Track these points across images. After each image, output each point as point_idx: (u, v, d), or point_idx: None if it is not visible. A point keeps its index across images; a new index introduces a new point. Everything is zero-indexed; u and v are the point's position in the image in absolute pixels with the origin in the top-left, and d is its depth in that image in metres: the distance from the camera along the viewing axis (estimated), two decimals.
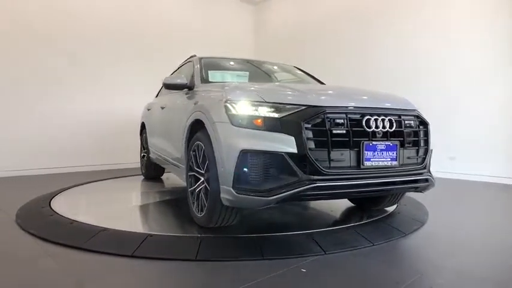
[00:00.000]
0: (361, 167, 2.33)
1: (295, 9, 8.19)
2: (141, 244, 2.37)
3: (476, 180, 5.35)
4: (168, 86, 3.33)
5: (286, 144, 2.19)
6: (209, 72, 3.63)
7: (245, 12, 8.95)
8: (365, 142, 2.34)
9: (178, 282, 1.95)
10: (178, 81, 3.29)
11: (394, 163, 2.46)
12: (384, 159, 2.42)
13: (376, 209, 3.34)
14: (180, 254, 2.27)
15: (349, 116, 2.34)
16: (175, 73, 4.45)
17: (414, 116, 2.65)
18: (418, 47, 6.06)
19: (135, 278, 1.97)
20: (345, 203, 3.59)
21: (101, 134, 6.32)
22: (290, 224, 3.07)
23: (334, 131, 2.27)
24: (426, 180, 2.64)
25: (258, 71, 4.09)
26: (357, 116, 2.37)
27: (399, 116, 2.54)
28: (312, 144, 2.21)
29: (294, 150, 2.18)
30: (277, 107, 2.30)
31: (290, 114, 2.26)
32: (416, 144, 2.61)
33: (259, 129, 2.26)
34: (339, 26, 7.24)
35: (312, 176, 2.18)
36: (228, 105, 2.41)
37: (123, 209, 3.53)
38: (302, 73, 4.30)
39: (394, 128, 2.45)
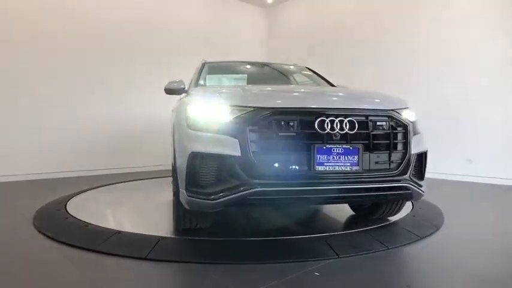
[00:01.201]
0: (312, 171, 2.17)
1: (307, 12, 8.18)
2: (155, 247, 2.39)
3: (494, 183, 5.22)
4: (167, 91, 3.34)
5: (231, 147, 2.14)
6: (207, 76, 3.65)
7: (257, 15, 8.98)
8: (317, 145, 2.16)
9: (192, 284, 1.95)
10: (175, 85, 3.27)
11: (355, 168, 2.23)
12: (342, 164, 2.20)
13: (374, 218, 3.07)
14: (193, 256, 2.28)
15: (300, 117, 2.20)
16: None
17: (388, 116, 2.36)
18: (434, 49, 5.98)
19: (148, 281, 1.98)
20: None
21: (117, 137, 6.40)
22: (304, 227, 3.05)
23: (281, 133, 2.17)
24: (405, 188, 2.37)
25: (262, 73, 4.06)
26: (310, 117, 2.19)
27: (366, 116, 2.30)
28: (256, 147, 2.14)
29: (238, 153, 2.12)
30: (229, 110, 2.24)
31: (237, 116, 2.20)
32: (388, 147, 2.34)
33: (210, 132, 2.24)
34: (351, 28, 7.19)
35: (255, 180, 2.11)
36: (188, 108, 2.44)
37: (138, 211, 3.56)
38: (311, 74, 4.19)
39: (355, 130, 2.22)
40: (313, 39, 7.91)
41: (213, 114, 2.28)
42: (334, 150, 2.19)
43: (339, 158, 2.20)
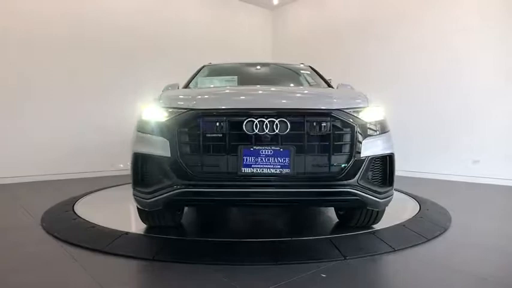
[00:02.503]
0: (239, 173, 2.14)
1: (312, 13, 8.18)
2: (162, 248, 2.40)
3: (501, 184, 5.18)
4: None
5: (162, 148, 2.21)
6: (201, 79, 3.69)
7: (263, 17, 9.00)
8: (243, 147, 2.13)
9: (198, 285, 1.96)
10: (169, 89, 3.28)
11: (286, 171, 2.13)
12: (271, 166, 2.12)
13: (351, 225, 2.87)
14: (199, 258, 2.28)
15: (229, 118, 2.18)
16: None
17: (330, 117, 2.20)
18: (441, 48, 5.95)
19: (155, 281, 1.99)
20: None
21: (124, 139, 6.42)
22: (309, 228, 3.05)
23: (209, 135, 2.17)
24: (349, 194, 2.19)
25: (255, 74, 4.00)
26: (239, 119, 2.16)
27: (303, 117, 2.18)
28: (185, 148, 2.18)
29: (168, 154, 2.18)
30: (165, 112, 2.31)
31: (170, 118, 2.26)
32: (328, 150, 2.19)
33: (149, 134, 2.32)
34: (356, 29, 7.18)
35: (184, 181, 2.15)
36: (141, 110, 2.52)
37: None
38: (310, 73, 4.01)
39: (287, 131, 2.14)
40: (319, 40, 7.90)
41: (152, 116, 2.36)
42: (262, 152, 2.13)
43: (268, 160, 2.12)
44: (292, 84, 3.81)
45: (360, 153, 2.20)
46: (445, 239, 2.70)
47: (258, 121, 2.13)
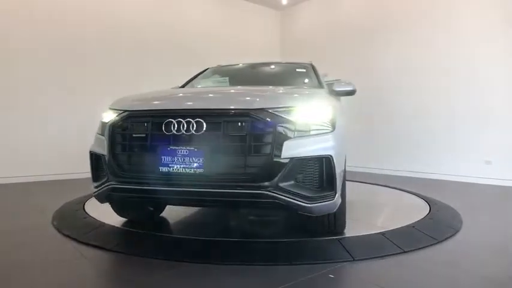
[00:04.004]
0: (157, 172, 2.19)
1: (320, 14, 8.15)
2: (174, 247, 2.42)
3: None
4: None
5: (102, 147, 2.40)
6: (200, 81, 3.79)
7: (271, 17, 9.01)
8: (162, 147, 2.19)
9: (205, 285, 1.97)
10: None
11: (200, 171, 2.12)
12: (186, 166, 2.14)
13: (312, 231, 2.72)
14: (206, 257, 2.29)
15: (152, 119, 2.26)
16: None
17: (248, 117, 2.14)
18: (452, 53, 5.88)
19: (165, 280, 2.00)
20: (377, 210, 3.50)
21: None
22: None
23: (135, 135, 2.30)
24: (265, 196, 2.08)
25: (248, 75, 3.97)
26: (159, 119, 2.23)
27: (220, 117, 2.18)
28: (116, 147, 2.33)
29: (105, 152, 2.36)
30: (112, 113, 2.47)
31: (111, 119, 2.42)
32: (244, 150, 2.12)
33: (99, 134, 2.54)
34: (365, 29, 7.14)
35: (114, 178, 2.30)
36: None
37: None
38: (304, 71, 3.80)
39: (202, 131, 2.14)
40: (327, 40, 7.88)
41: (104, 118, 2.54)
42: (179, 151, 2.16)
43: (184, 159, 2.15)
44: (280, 84, 3.49)
45: (279, 154, 2.09)
46: (455, 241, 2.67)
47: (176, 122, 2.18)
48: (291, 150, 2.10)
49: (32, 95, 5.58)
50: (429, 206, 3.67)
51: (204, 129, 2.15)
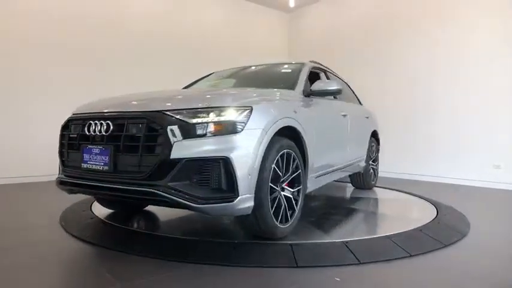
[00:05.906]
0: (80, 168, 2.52)
1: (329, 16, 8.14)
2: (189, 249, 2.43)
3: None
4: None
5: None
6: (199, 82, 4.07)
7: (279, 20, 9.03)
8: (84, 145, 2.51)
9: (214, 286, 1.97)
10: None
11: (106, 168, 2.38)
12: (97, 163, 2.42)
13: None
14: (215, 259, 2.30)
15: (82, 121, 2.58)
16: None
17: (145, 118, 2.26)
18: (458, 52, 5.85)
19: (175, 282, 2.01)
20: (383, 213, 3.49)
21: None
22: (324, 231, 3.02)
23: (71, 135, 2.65)
24: (153, 194, 2.17)
25: (249, 78, 4.01)
26: (84, 122, 2.55)
27: (123, 118, 2.37)
28: (62, 146, 2.73)
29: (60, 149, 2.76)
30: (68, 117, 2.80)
31: (64, 122, 2.78)
32: (138, 150, 2.24)
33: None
34: (374, 32, 7.12)
35: (60, 172, 2.75)
36: None
37: (161, 213, 3.63)
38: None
39: (109, 132, 2.38)
40: (336, 43, 7.87)
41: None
42: (93, 150, 2.45)
43: (96, 157, 2.43)
44: (265, 86, 3.43)
45: (169, 155, 2.15)
46: (462, 245, 2.65)
47: (94, 123, 2.48)
48: (182, 151, 2.16)
49: (43, 95, 5.66)
50: (436, 209, 3.65)
51: (111, 130, 2.39)
